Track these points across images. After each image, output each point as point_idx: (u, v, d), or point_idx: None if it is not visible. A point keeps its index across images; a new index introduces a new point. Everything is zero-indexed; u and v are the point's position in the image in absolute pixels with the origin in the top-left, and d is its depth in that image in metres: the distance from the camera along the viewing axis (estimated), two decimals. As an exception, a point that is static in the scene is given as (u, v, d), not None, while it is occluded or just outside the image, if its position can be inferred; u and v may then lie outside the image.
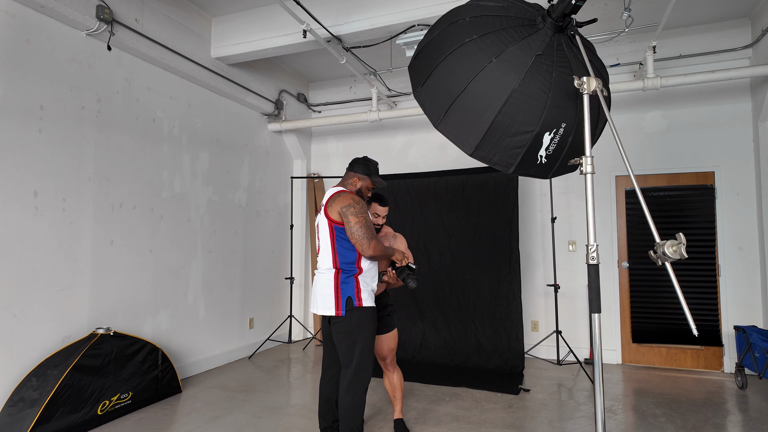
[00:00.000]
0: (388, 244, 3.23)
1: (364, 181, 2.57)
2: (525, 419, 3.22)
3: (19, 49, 2.96)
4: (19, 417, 2.69)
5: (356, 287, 2.37)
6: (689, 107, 4.60)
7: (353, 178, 2.56)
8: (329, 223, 2.39)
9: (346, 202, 2.36)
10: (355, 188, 2.56)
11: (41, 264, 3.05)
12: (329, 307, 2.36)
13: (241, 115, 5.05)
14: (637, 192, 1.37)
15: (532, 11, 1.66)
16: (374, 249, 2.34)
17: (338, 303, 2.34)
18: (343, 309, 2.33)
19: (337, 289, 2.36)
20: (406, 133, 5.70)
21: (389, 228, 3.23)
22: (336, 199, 2.39)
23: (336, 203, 2.37)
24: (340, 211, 2.36)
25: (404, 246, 3.12)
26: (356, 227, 2.32)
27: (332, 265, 2.39)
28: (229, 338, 4.76)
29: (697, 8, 4.19)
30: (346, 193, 2.42)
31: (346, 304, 2.33)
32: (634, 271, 4.68)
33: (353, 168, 2.58)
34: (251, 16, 4.40)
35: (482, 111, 1.56)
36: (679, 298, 1.23)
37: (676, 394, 3.73)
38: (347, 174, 2.59)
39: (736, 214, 4.42)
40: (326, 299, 2.37)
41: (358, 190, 2.56)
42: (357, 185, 2.56)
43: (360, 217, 2.33)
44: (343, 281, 2.36)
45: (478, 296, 4.73)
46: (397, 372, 3.03)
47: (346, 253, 2.39)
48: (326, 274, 2.41)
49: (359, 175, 2.56)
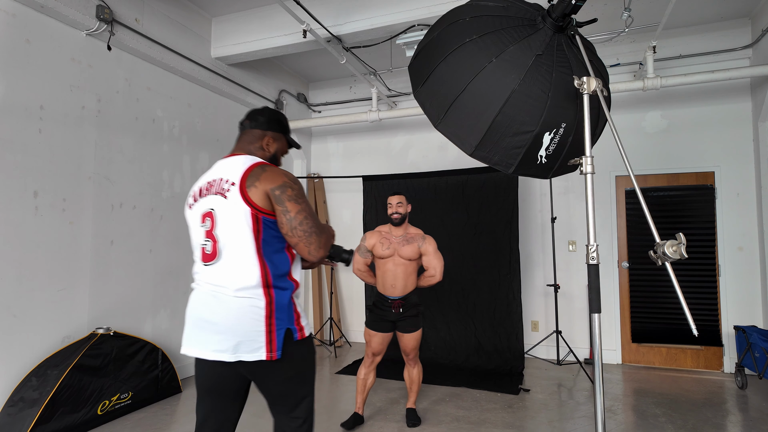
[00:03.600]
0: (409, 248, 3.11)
1: (280, 143, 1.75)
2: (525, 419, 3.22)
3: (19, 49, 2.96)
4: (19, 417, 2.69)
5: (295, 312, 1.58)
6: (689, 107, 4.60)
7: (266, 138, 1.70)
8: (252, 212, 1.49)
9: (277, 180, 1.53)
10: (268, 153, 1.71)
11: (41, 264, 3.04)
12: (254, 349, 1.49)
13: (241, 115, 5.04)
14: (637, 192, 1.37)
15: (532, 11, 1.66)
16: (327, 245, 1.59)
17: (272, 340, 1.51)
18: (279, 348, 1.51)
19: (270, 319, 1.51)
20: (406, 133, 5.69)
21: (417, 229, 3.20)
22: (260, 175, 1.53)
23: (263, 181, 1.52)
24: (269, 193, 1.51)
25: (433, 249, 3.13)
26: (300, 218, 1.51)
27: (258, 281, 1.51)
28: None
29: (697, 8, 4.19)
30: (273, 168, 1.59)
31: (284, 341, 1.52)
32: (634, 271, 4.68)
33: (265, 124, 1.71)
34: (251, 16, 4.39)
35: (482, 111, 1.56)
36: (679, 298, 1.22)
37: (676, 394, 3.73)
38: (251, 133, 1.70)
39: (736, 214, 4.41)
40: (247, 336, 1.49)
41: (273, 156, 1.74)
42: (271, 148, 1.72)
43: (303, 202, 1.55)
44: (279, 306, 1.53)
45: (477, 296, 4.73)
46: (418, 367, 3.20)
47: (279, 261, 1.55)
48: (243, 297, 1.50)
49: (273, 134, 1.72)
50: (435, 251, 3.11)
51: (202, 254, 1.58)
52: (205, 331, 1.54)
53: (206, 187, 1.62)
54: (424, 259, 3.12)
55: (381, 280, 3.12)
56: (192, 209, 1.66)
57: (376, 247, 3.13)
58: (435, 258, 3.10)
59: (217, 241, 1.55)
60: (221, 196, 1.55)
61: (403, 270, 3.07)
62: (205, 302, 1.56)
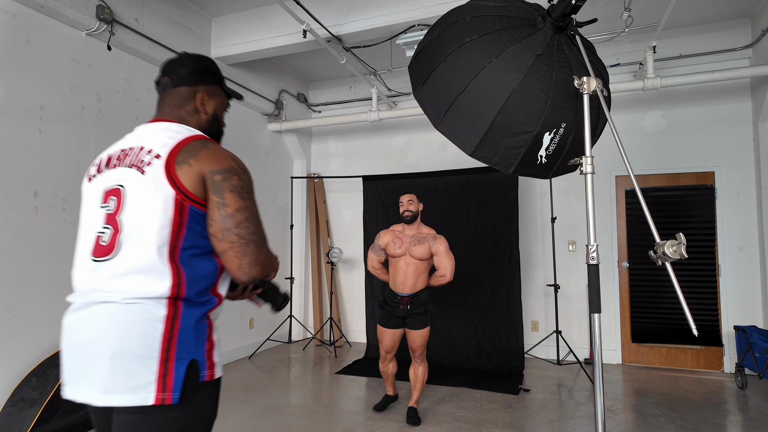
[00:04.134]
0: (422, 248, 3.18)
1: (218, 98, 1.33)
2: (525, 419, 3.22)
3: (19, 49, 2.96)
4: (19, 417, 2.69)
5: (208, 339, 1.13)
6: (689, 107, 4.60)
7: (198, 95, 1.28)
8: (176, 198, 1.08)
9: (222, 162, 1.14)
10: (206, 116, 1.30)
11: (41, 264, 3.04)
12: (136, 386, 1.01)
13: (241, 115, 5.04)
14: (637, 192, 1.37)
15: (532, 11, 1.66)
16: (266, 265, 1.15)
17: (167, 374, 1.03)
18: (177, 389, 1.04)
19: (169, 342, 1.04)
20: (406, 133, 5.69)
21: (430, 229, 3.28)
22: (199, 151, 1.13)
23: (201, 160, 1.12)
24: (205, 176, 1.11)
25: (444, 249, 3.19)
26: (240, 218, 1.11)
27: (167, 290, 1.06)
28: (228, 338, 4.76)
29: (697, 8, 4.19)
30: (218, 147, 1.18)
31: (185, 377, 1.05)
32: (634, 271, 4.68)
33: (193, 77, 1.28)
34: (251, 16, 4.40)
35: (482, 111, 1.56)
36: (679, 298, 1.22)
37: (676, 394, 3.73)
38: (176, 93, 1.26)
39: (736, 214, 4.41)
40: (129, 365, 1.02)
41: (213, 117, 1.32)
42: (208, 108, 1.30)
43: (248, 199, 1.15)
44: (185, 326, 1.07)
45: (477, 296, 4.73)
46: (424, 365, 3.25)
47: (202, 267, 1.12)
48: (136, 309, 1.05)
49: (206, 88, 1.30)
50: (446, 251, 3.18)
51: (95, 246, 1.11)
52: (76, 360, 1.07)
53: (118, 157, 1.18)
54: (435, 258, 3.20)
55: (392, 277, 3.25)
56: (92, 183, 1.20)
57: (389, 245, 3.27)
58: (446, 258, 3.17)
59: (120, 230, 1.09)
60: (137, 170, 1.12)
61: (414, 269, 3.18)
62: (83, 320, 1.08)
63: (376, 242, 3.34)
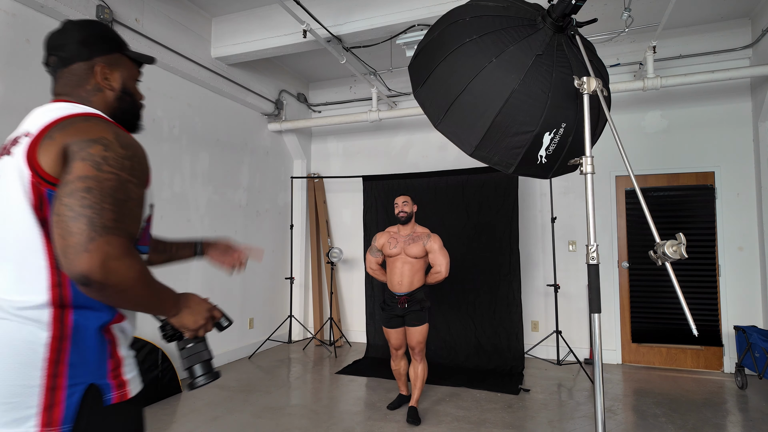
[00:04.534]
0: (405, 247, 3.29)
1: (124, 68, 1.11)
2: (525, 419, 3.22)
3: (19, 49, 2.96)
4: (19, 417, 2.68)
5: (113, 355, 0.95)
6: (689, 107, 4.60)
7: (97, 68, 1.06)
8: (32, 180, 0.90)
9: (91, 132, 0.92)
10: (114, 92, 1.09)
11: (41, 264, 3.04)
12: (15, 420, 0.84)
13: (241, 115, 5.04)
14: (637, 192, 1.37)
15: (532, 11, 1.66)
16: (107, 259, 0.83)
17: (54, 404, 0.87)
18: (70, 420, 0.87)
19: (56, 366, 0.87)
20: (406, 133, 5.69)
21: (424, 228, 3.39)
22: (72, 125, 0.93)
23: (68, 133, 0.91)
24: (66, 150, 0.90)
25: (438, 246, 3.26)
26: (75, 187, 0.85)
27: (46, 295, 0.89)
28: (228, 338, 4.76)
29: (697, 8, 4.19)
30: (102, 121, 0.97)
31: (80, 406, 0.89)
32: (634, 271, 4.68)
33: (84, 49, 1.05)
34: (251, 16, 4.39)
35: (482, 111, 1.56)
36: (679, 298, 1.22)
37: (676, 394, 3.73)
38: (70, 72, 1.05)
39: (736, 214, 4.41)
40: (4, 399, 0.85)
41: (123, 91, 1.10)
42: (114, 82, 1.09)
43: (109, 173, 0.89)
44: (77, 343, 0.90)
45: (477, 296, 4.73)
46: (423, 364, 3.29)
47: None
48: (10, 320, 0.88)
49: (105, 59, 1.07)
50: (440, 248, 3.26)
51: None
52: None
53: (9, 144, 1.00)
54: (430, 256, 3.28)
55: (390, 278, 3.33)
56: None
57: (385, 246, 3.35)
58: (440, 255, 3.25)
59: None
60: (6, 154, 0.97)
61: (410, 268, 3.25)
62: None
63: (373, 244, 3.44)
